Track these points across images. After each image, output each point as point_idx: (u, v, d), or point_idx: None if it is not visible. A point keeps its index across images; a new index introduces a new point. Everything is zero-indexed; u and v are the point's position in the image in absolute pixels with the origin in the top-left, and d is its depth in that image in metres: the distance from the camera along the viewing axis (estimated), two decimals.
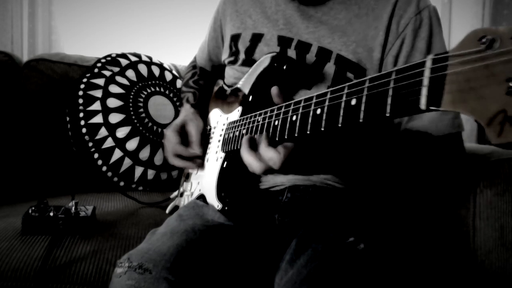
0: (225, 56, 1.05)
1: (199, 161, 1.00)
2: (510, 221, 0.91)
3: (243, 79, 0.95)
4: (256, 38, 0.97)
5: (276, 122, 0.69)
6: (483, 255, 0.93)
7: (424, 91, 0.44)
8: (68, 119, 1.43)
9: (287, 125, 0.66)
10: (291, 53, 0.91)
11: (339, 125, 0.56)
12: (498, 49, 0.38)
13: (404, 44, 0.85)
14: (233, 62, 1.01)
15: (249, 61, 0.96)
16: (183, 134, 1.02)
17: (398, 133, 0.87)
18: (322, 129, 0.59)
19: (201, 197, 0.96)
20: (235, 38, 1.01)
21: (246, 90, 0.92)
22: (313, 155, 0.74)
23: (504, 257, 0.92)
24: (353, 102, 0.54)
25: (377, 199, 0.93)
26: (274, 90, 0.76)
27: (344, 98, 0.56)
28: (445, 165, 0.88)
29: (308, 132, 0.62)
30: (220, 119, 0.99)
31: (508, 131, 0.37)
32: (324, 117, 0.59)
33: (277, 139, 0.68)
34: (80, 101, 1.42)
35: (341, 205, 0.87)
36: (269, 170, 0.70)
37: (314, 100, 0.62)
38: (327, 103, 0.59)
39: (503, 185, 0.93)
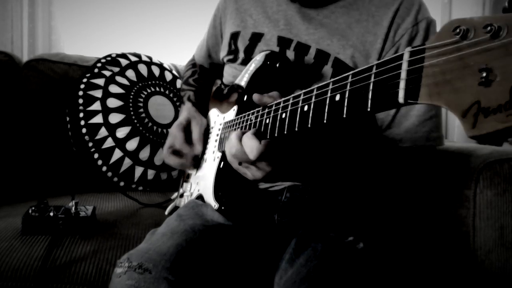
0: (223, 54, 1.05)
1: (195, 161, 1.00)
2: (510, 221, 0.91)
3: (239, 77, 0.95)
4: (256, 38, 0.97)
5: (268, 120, 0.69)
6: (483, 255, 0.93)
7: (402, 84, 0.43)
8: (68, 119, 1.43)
9: (277, 123, 0.66)
10: (290, 54, 0.91)
11: (325, 122, 0.56)
12: (472, 39, 0.37)
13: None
14: (232, 61, 1.01)
15: (248, 60, 0.96)
16: (187, 132, 1.02)
17: (373, 140, 0.87)
18: (309, 125, 0.59)
19: (200, 198, 0.96)
20: (234, 36, 1.01)
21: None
22: (290, 159, 0.73)
23: (504, 257, 0.91)
24: (337, 97, 0.54)
25: (377, 199, 0.93)
26: (255, 96, 0.76)
27: (329, 94, 0.56)
28: (409, 176, 0.88)
29: (296, 130, 0.62)
30: (217, 119, 1.00)
31: (482, 123, 0.35)
32: (310, 114, 0.59)
33: (268, 136, 0.68)
34: (80, 101, 1.42)
35: (341, 205, 0.87)
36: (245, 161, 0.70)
37: (301, 97, 0.62)
38: (313, 99, 0.59)
39: (503, 185, 0.93)
